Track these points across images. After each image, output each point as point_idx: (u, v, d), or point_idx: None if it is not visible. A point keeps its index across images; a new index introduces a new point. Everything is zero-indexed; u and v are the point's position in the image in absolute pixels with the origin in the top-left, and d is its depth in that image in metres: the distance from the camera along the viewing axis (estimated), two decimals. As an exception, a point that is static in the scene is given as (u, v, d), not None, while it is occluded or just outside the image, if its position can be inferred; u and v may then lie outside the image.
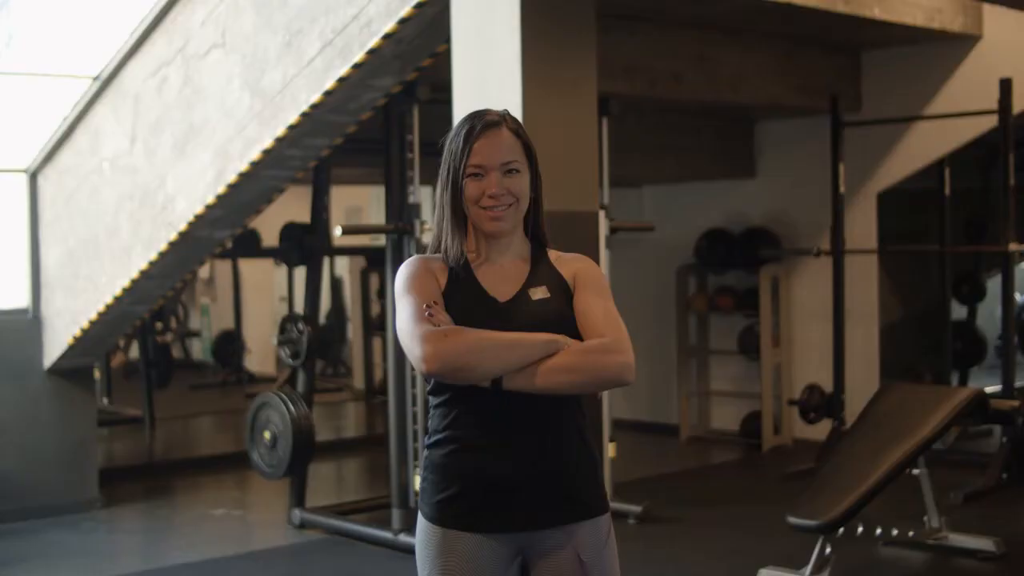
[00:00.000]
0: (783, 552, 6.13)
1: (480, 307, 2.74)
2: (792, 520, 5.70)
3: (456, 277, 2.78)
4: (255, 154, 6.05)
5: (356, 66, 5.56)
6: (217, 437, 11.57)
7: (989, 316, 12.38)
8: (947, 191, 9.49)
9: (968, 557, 6.38)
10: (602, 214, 5.22)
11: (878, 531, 6.40)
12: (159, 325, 11.97)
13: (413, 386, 6.77)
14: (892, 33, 8.44)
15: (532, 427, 2.70)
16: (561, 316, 2.72)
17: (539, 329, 2.66)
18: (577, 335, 2.69)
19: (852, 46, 9.23)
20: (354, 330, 13.39)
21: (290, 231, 7.49)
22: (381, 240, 13.11)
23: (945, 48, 8.81)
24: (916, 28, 8.21)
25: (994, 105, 8.15)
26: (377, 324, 12.79)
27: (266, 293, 14.90)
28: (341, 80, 5.63)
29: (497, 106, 4.83)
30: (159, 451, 10.48)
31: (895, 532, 6.44)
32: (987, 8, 8.59)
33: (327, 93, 5.70)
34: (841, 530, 5.74)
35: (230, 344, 14.01)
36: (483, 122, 2.78)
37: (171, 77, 6.57)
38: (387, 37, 5.40)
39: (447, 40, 5.60)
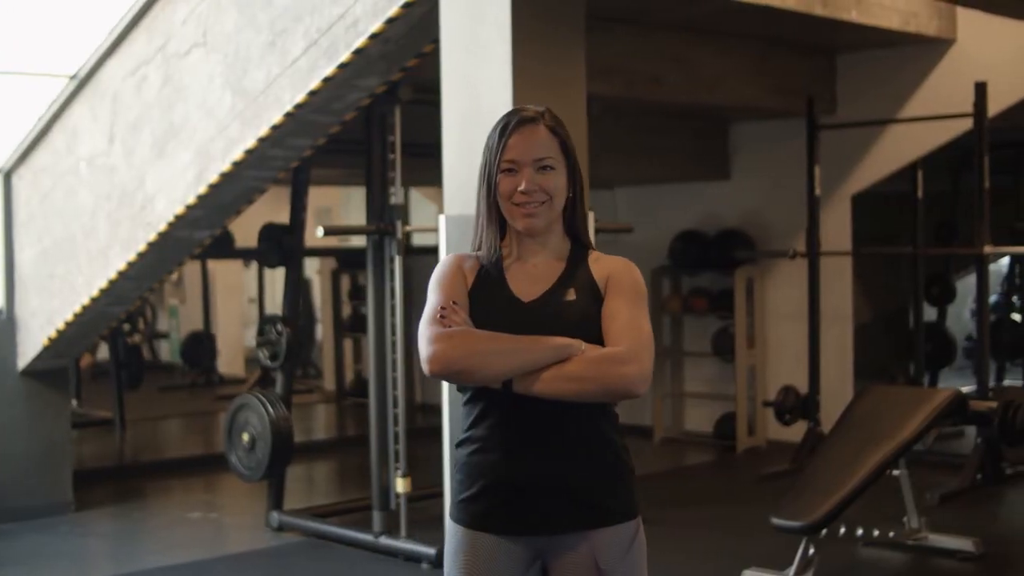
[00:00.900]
0: (764, 553, 6.15)
1: (502, 307, 2.73)
2: (776, 521, 5.72)
3: (485, 275, 2.77)
4: (237, 154, 6.01)
5: (342, 66, 5.52)
6: (188, 439, 11.50)
7: (956, 318, 12.49)
8: (920, 194, 9.55)
9: (948, 557, 6.41)
10: (591, 215, 5.19)
11: (859, 531, 6.42)
12: (127, 326, 11.88)
13: (394, 388, 6.74)
14: (867, 36, 8.48)
15: (551, 430, 2.68)
16: (583, 319, 2.68)
17: (558, 332, 2.64)
18: (600, 339, 2.65)
19: (827, 49, 9.27)
20: (325, 332, 13.33)
21: (269, 232, 7.43)
22: (352, 241, 13.17)
23: (919, 52, 8.86)
24: (892, 32, 8.26)
25: (968, 108, 8.21)
26: (348, 326, 12.76)
27: (236, 294, 14.83)
28: (326, 80, 5.59)
29: (487, 105, 4.89)
30: (131, 453, 10.39)
31: (876, 533, 6.47)
32: (961, 12, 8.65)
33: (312, 93, 5.66)
34: (824, 531, 5.76)
35: (199, 345, 13.92)
36: (518, 118, 2.76)
37: (151, 76, 6.51)
38: (374, 37, 5.37)
39: (434, 40, 5.57)
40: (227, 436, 7.29)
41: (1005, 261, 12.44)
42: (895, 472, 6.40)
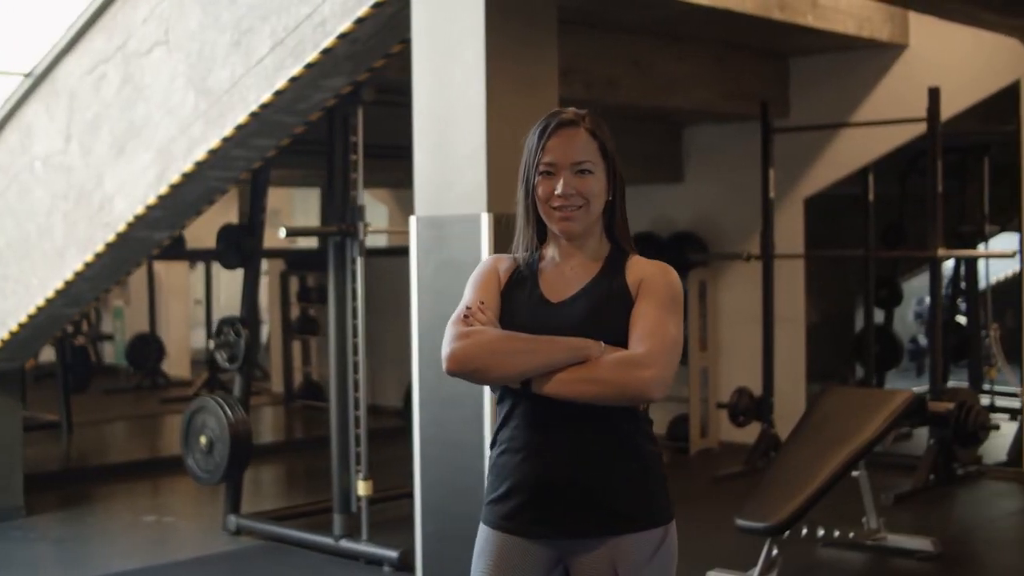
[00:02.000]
0: (727, 554, 6.17)
1: (530, 307, 2.74)
2: (740, 522, 5.73)
3: (519, 276, 2.79)
4: (200, 154, 5.94)
5: (309, 66, 5.48)
6: (137, 442, 11.35)
7: (899, 320, 12.62)
8: (871, 197, 9.64)
9: (907, 557, 6.47)
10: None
11: (820, 532, 6.47)
12: (70, 328, 11.72)
13: (356, 390, 6.69)
14: (821, 40, 8.55)
15: (573, 432, 2.68)
16: (605, 322, 2.67)
17: (580, 334, 2.64)
18: (625, 343, 2.64)
19: (781, 53, 9.34)
20: (273, 334, 13.24)
21: (228, 232, 7.36)
22: (299, 243, 13.10)
23: (872, 56, 8.95)
24: (846, 36, 8.35)
25: (920, 113, 8.30)
26: (297, 328, 12.67)
27: (182, 296, 14.68)
28: (293, 80, 5.54)
29: (458, 105, 4.87)
30: (79, 457, 10.25)
31: (837, 534, 6.51)
32: (914, 18, 8.75)
33: (278, 93, 5.61)
34: (787, 532, 5.79)
35: (145, 347, 13.77)
36: (558, 120, 2.75)
37: (110, 74, 6.42)
38: (342, 37, 5.33)
39: (402, 40, 5.56)
40: (184, 439, 7.21)
41: (949, 264, 12.57)
42: (854, 473, 6.45)
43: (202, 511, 7.98)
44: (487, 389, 4.84)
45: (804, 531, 6.27)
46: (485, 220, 4.83)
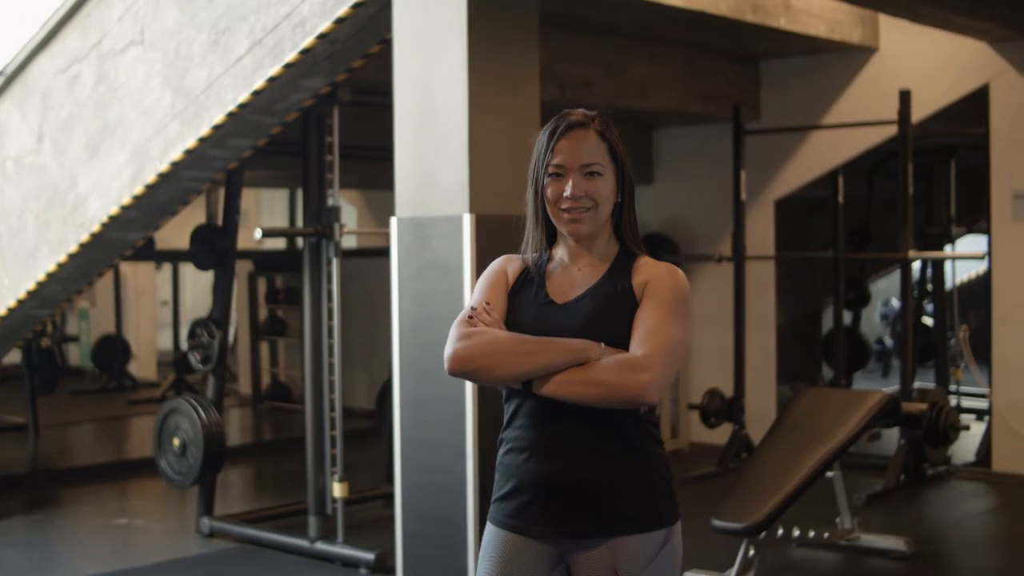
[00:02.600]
0: (703, 554, 6.16)
1: (534, 308, 2.75)
2: (717, 523, 5.74)
3: (527, 277, 2.80)
4: (177, 154, 5.91)
5: (288, 66, 5.46)
6: (105, 445, 11.24)
7: (865, 321, 12.70)
8: (840, 199, 9.70)
9: (881, 557, 6.51)
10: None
11: (796, 532, 6.50)
12: (36, 329, 11.61)
13: (331, 391, 6.66)
14: (791, 43, 8.60)
15: (575, 433, 2.68)
16: (608, 323, 2.67)
17: (581, 335, 2.65)
18: (627, 345, 2.65)
19: (751, 55, 9.38)
20: (240, 335, 13.17)
21: (202, 233, 7.32)
22: (266, 244, 13.03)
23: (842, 59, 9.01)
24: (816, 39, 8.39)
25: (889, 116, 8.36)
26: (265, 329, 12.62)
27: (148, 297, 14.57)
28: (271, 80, 5.52)
29: (440, 106, 4.87)
30: (47, 460, 10.14)
31: (812, 534, 6.54)
32: (884, 21, 8.81)
33: (256, 93, 5.58)
34: (763, 533, 5.81)
35: (111, 349, 13.66)
36: (567, 122, 2.75)
37: (84, 74, 6.38)
38: (322, 37, 5.31)
39: (381, 41, 5.54)
40: (157, 441, 7.15)
41: (915, 265, 12.67)
42: (829, 474, 6.49)
43: (174, 514, 7.93)
44: (469, 391, 4.84)
45: (780, 532, 6.30)
46: (467, 221, 4.82)
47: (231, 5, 5.67)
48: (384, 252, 9.56)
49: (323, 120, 6.49)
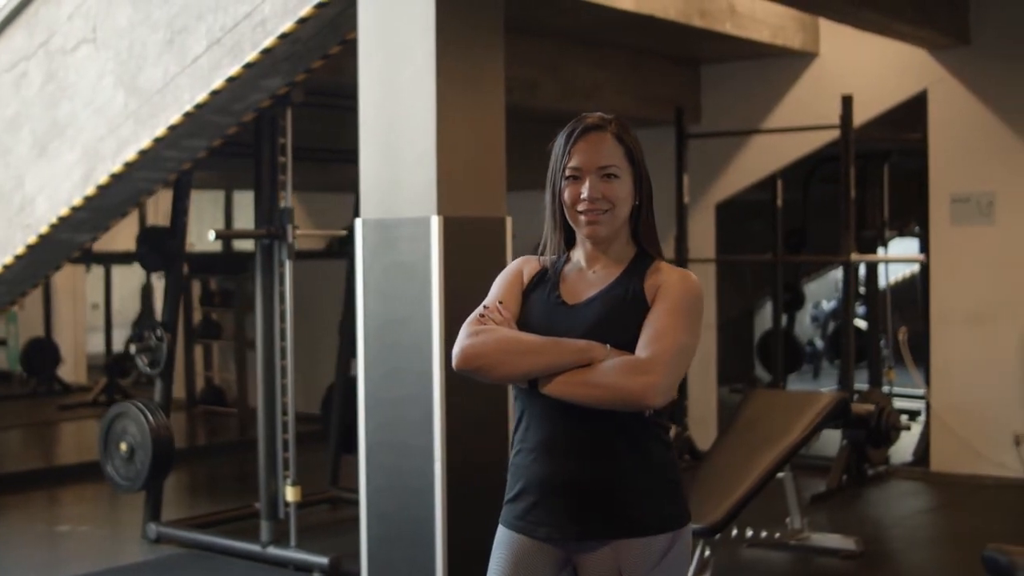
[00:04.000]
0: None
1: (546, 309, 2.76)
2: (673, 524, 5.77)
3: (542, 277, 2.81)
4: (130, 154, 5.83)
5: (247, 66, 5.40)
6: (37, 450, 11.03)
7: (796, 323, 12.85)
8: (779, 203, 9.81)
9: (830, 556, 6.58)
10: (509, 221, 5.18)
11: (749, 533, 6.55)
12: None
13: (284, 395, 6.60)
14: (733, 48, 8.69)
15: (580, 435, 2.69)
16: (616, 326, 2.68)
17: (589, 336, 2.65)
18: (634, 348, 2.65)
19: (693, 59, 9.45)
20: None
21: (149, 235, 7.21)
22: (197, 247, 12.85)
23: (783, 64, 9.11)
24: (758, 44, 8.48)
25: (829, 121, 8.48)
26: (200, 332, 12.47)
27: (78, 299, 14.32)
28: (230, 80, 5.46)
29: (407, 107, 4.85)
30: (-22, 466, 9.96)
31: (764, 534, 6.60)
32: (824, 27, 8.92)
33: (214, 93, 5.52)
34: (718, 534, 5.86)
35: (40, 352, 13.42)
36: (584, 125, 2.76)
37: (31, 72, 6.27)
38: (283, 37, 5.27)
39: (342, 41, 5.51)
40: (103, 446, 7.04)
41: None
42: (779, 474, 6.55)
43: (116, 519, 7.82)
44: (437, 392, 4.82)
45: (735, 532, 6.35)
46: (435, 223, 4.80)
47: (187, 4, 5.60)
48: (323, 255, 9.59)
49: (276, 121, 6.42)
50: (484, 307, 2.78)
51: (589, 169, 2.72)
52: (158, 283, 13.83)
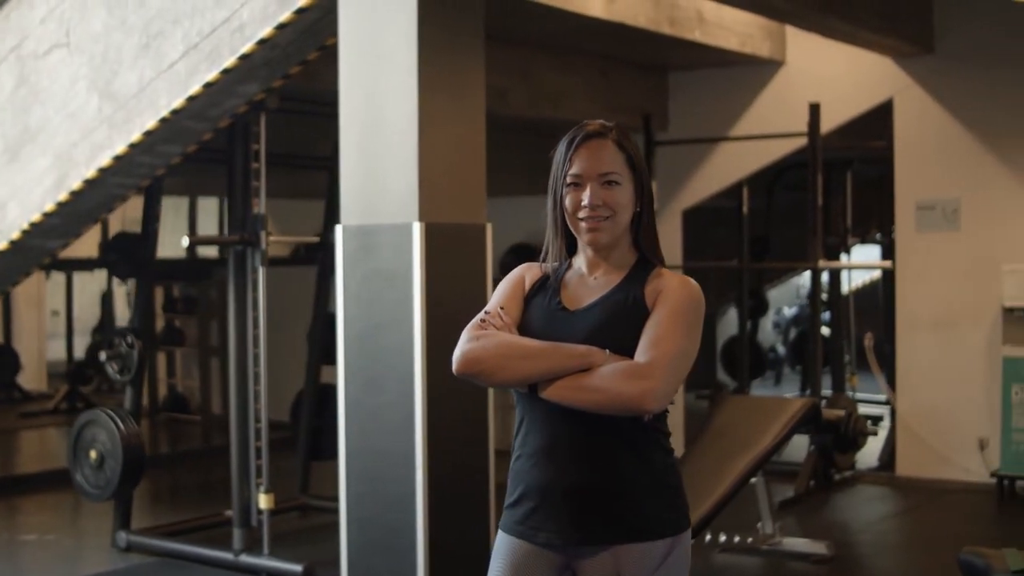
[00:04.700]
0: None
1: (547, 315, 2.77)
2: (649, 530, 5.79)
3: (543, 283, 2.83)
4: (105, 160, 5.79)
5: (225, 71, 5.38)
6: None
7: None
8: (745, 210, 9.87)
9: (802, 561, 6.62)
10: (489, 227, 5.19)
11: (722, 538, 6.58)
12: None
13: (256, 401, 6.56)
14: (701, 56, 8.74)
15: (579, 440, 2.70)
16: (616, 331, 2.69)
17: (589, 342, 2.66)
18: (634, 353, 2.66)
19: (661, 67, 9.49)
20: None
21: (120, 241, 7.16)
22: (163, 252, 12.74)
23: (750, 72, 9.17)
24: (726, 52, 8.53)
25: (794, 128, 8.55)
26: (162, 339, 12.38)
27: (38, 306, 14.18)
28: (207, 85, 5.43)
29: (389, 113, 4.85)
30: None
31: (737, 539, 6.63)
32: (791, 35, 8.99)
33: (191, 98, 5.49)
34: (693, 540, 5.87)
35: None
36: (584, 132, 2.79)
37: (2, 76, 6.21)
38: (262, 42, 5.25)
39: (320, 47, 5.50)
40: (71, 454, 6.97)
41: (808, 274, 12.94)
42: (751, 479, 6.59)
43: (84, 528, 7.76)
44: (418, 398, 4.82)
45: (708, 537, 6.37)
46: (417, 229, 4.80)
47: (164, 9, 5.57)
48: (287, 262, 9.54)
49: (249, 127, 6.40)
50: (485, 313, 2.78)
51: (590, 176, 2.74)
52: (119, 290, 13.77)
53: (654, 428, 2.74)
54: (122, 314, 13.82)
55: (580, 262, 2.83)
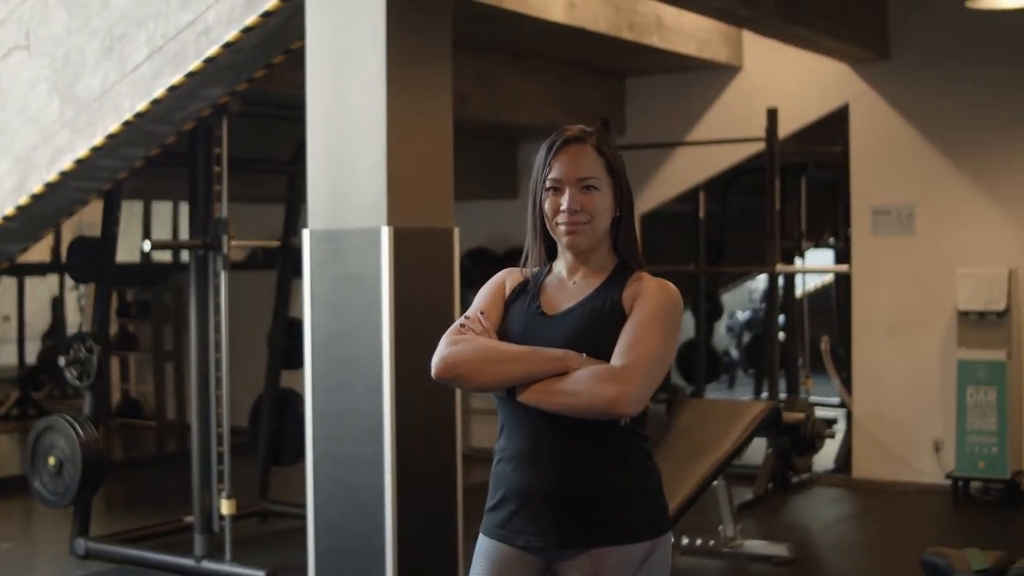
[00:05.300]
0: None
1: (525, 319, 2.79)
2: (614, 533, 5.81)
3: (523, 288, 2.84)
4: (66, 163, 5.74)
5: (190, 75, 5.35)
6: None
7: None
8: (702, 214, 9.93)
9: (763, 563, 6.67)
10: (457, 231, 5.18)
11: (684, 540, 6.61)
12: None
13: (218, 406, 6.52)
14: (658, 61, 8.78)
15: (556, 443, 2.71)
16: (593, 336, 2.70)
17: (566, 346, 2.68)
18: (609, 357, 2.67)
19: (618, 72, 9.53)
20: (87, 350, 12.74)
21: (80, 246, 7.09)
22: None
23: (707, 77, 9.22)
24: (684, 57, 8.58)
25: (751, 133, 8.61)
26: (117, 344, 12.27)
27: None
28: (171, 89, 5.40)
29: (356, 117, 4.84)
30: None
31: (699, 542, 6.66)
32: (748, 41, 9.05)
33: (155, 102, 5.45)
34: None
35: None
36: (564, 137, 2.80)
37: (-40, 79, 6.14)
38: (227, 46, 5.22)
39: (286, 51, 5.48)
40: (30, 460, 6.90)
41: (763, 278, 13.02)
42: (713, 483, 6.62)
43: (41, 536, 7.67)
44: (387, 403, 4.81)
45: (671, 541, 6.39)
46: (385, 233, 4.79)
47: (127, 11, 5.53)
48: (242, 266, 9.49)
49: (211, 131, 6.36)
50: (466, 318, 2.80)
51: (569, 181, 2.75)
52: (70, 295, 13.64)
53: (633, 432, 2.74)
54: (73, 319, 13.71)
55: (560, 267, 2.84)
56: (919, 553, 4.92)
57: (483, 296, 2.87)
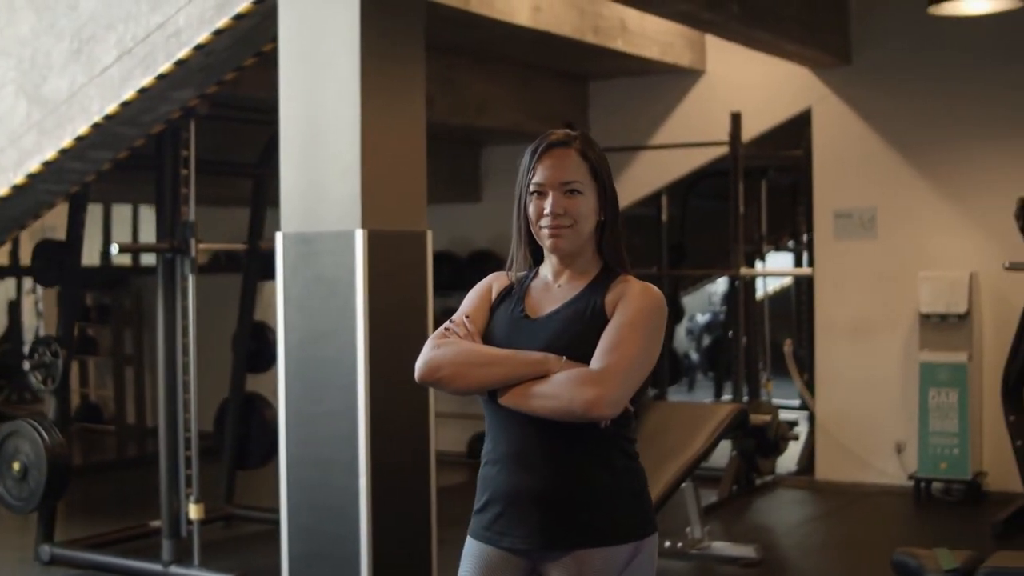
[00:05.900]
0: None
1: (509, 323, 2.81)
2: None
3: (508, 292, 2.86)
4: (34, 166, 5.69)
5: (160, 77, 5.32)
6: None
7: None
8: (664, 218, 9.97)
9: (731, 564, 6.70)
10: (430, 235, 5.18)
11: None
12: None
13: (186, 411, 6.49)
14: (622, 64, 8.82)
15: (539, 445, 2.72)
16: (575, 339, 2.71)
17: (547, 349, 2.70)
18: (590, 360, 2.68)
19: (581, 76, 9.56)
20: (46, 354, 12.63)
21: (46, 249, 7.03)
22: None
23: (670, 81, 9.27)
24: (647, 61, 8.62)
25: (715, 137, 8.67)
26: (77, 348, 12.16)
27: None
28: (141, 91, 5.37)
29: (329, 119, 4.84)
30: None
31: (667, 544, 6.69)
32: (711, 45, 9.10)
33: (124, 104, 5.42)
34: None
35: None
36: (548, 142, 2.81)
37: (-76, 81, 6.07)
38: (198, 48, 5.20)
39: (257, 53, 5.47)
40: (-7, 465, 6.83)
41: (723, 281, 13.09)
42: (681, 485, 6.65)
43: (4, 541, 7.58)
44: (361, 407, 4.80)
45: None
46: (359, 236, 4.78)
47: (96, 13, 5.49)
48: (206, 270, 9.43)
49: (179, 133, 6.32)
50: (451, 321, 2.82)
51: (552, 185, 2.77)
52: (27, 298, 13.52)
53: (617, 434, 2.75)
54: (30, 323, 13.59)
55: (546, 270, 2.86)
56: (885, 553, 4.97)
57: (469, 300, 2.89)
